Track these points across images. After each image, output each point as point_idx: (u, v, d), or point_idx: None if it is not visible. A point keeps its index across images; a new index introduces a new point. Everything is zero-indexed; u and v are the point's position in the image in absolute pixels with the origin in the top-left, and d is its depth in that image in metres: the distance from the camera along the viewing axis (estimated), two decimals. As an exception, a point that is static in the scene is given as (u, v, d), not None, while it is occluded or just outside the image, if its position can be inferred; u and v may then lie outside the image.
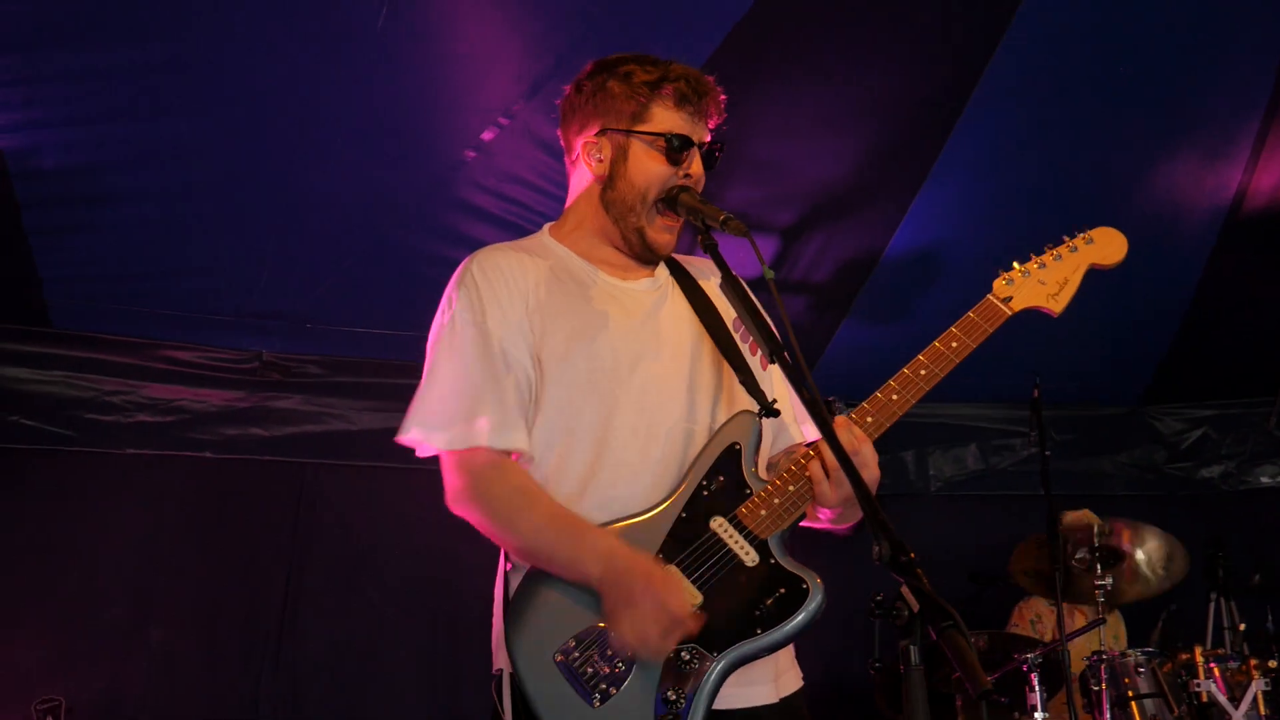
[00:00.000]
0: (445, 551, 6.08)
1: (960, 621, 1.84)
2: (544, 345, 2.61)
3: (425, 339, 6.11)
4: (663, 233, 2.75)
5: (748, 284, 2.57)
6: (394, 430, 5.87)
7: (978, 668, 1.80)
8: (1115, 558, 5.36)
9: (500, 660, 2.51)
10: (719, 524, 2.49)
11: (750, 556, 2.46)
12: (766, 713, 2.54)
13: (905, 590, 1.93)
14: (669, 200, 2.70)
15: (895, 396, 2.54)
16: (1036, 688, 4.93)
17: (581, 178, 2.82)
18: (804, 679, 2.69)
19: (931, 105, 5.97)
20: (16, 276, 5.29)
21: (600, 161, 2.75)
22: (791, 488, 2.50)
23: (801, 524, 2.64)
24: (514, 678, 2.41)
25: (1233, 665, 5.12)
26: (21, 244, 5.13)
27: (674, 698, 2.33)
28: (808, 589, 2.42)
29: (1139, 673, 5.08)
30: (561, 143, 2.88)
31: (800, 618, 2.40)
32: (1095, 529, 5.36)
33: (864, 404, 2.56)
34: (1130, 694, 5.04)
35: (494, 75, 5.25)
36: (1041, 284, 2.72)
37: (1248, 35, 5.73)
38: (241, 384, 5.81)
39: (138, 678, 5.40)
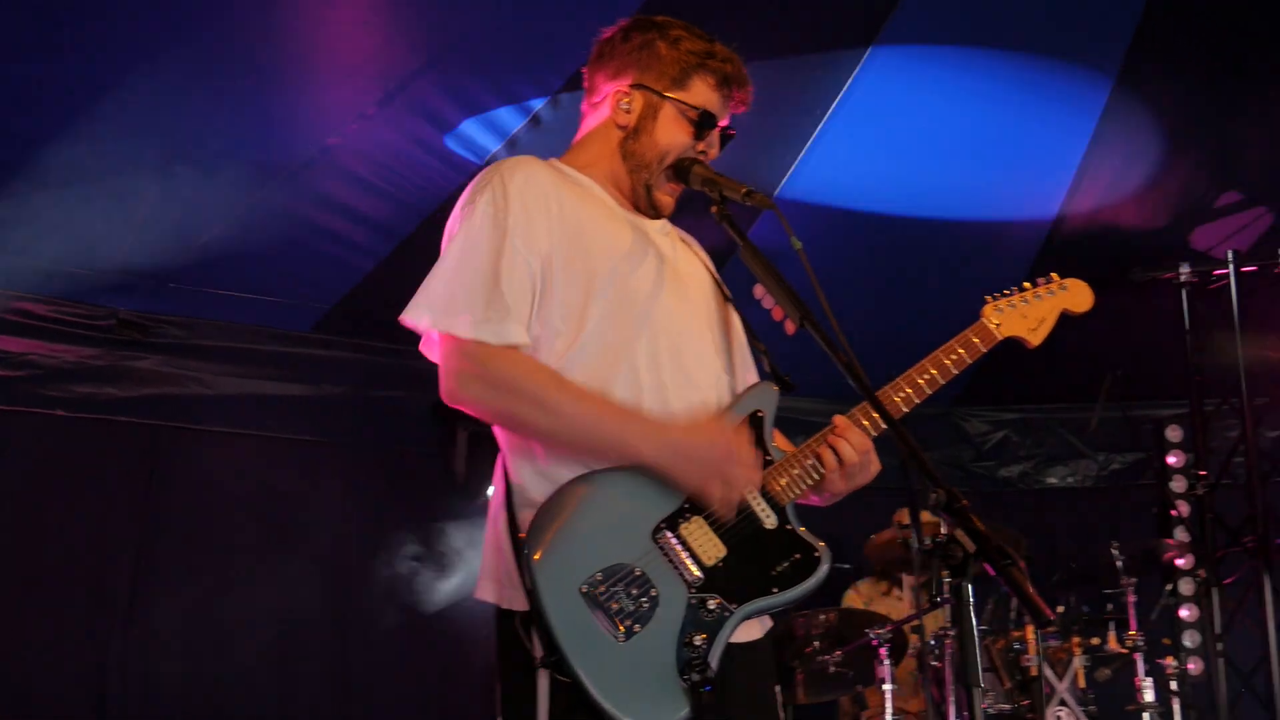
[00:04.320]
0: (299, 520, 6.04)
1: (1019, 560, 2.04)
2: (565, 259, 2.62)
3: (296, 305, 6.04)
4: (667, 195, 2.84)
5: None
6: (254, 396, 5.89)
7: (1039, 601, 1.99)
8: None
9: (511, 599, 2.50)
10: None
11: (770, 520, 2.58)
12: (751, 648, 2.66)
13: (960, 533, 2.12)
14: (679, 171, 2.80)
15: (900, 397, 2.76)
16: (885, 661, 5.25)
17: (600, 120, 2.87)
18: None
19: (795, 110, 6.28)
20: None
21: (628, 113, 2.80)
22: (809, 460, 2.64)
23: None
24: (532, 607, 2.38)
25: (1055, 643, 5.58)
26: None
27: (699, 643, 2.43)
28: (818, 556, 2.58)
29: (974, 649, 5.46)
30: (585, 82, 2.92)
31: (811, 582, 2.56)
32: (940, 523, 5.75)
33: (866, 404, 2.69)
34: (966, 668, 5.41)
35: (389, 46, 5.25)
36: (1024, 317, 2.96)
37: (1083, 70, 6.25)
38: (97, 341, 5.60)
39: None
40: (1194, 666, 6.52)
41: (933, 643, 5.34)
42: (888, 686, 5.27)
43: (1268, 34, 5.99)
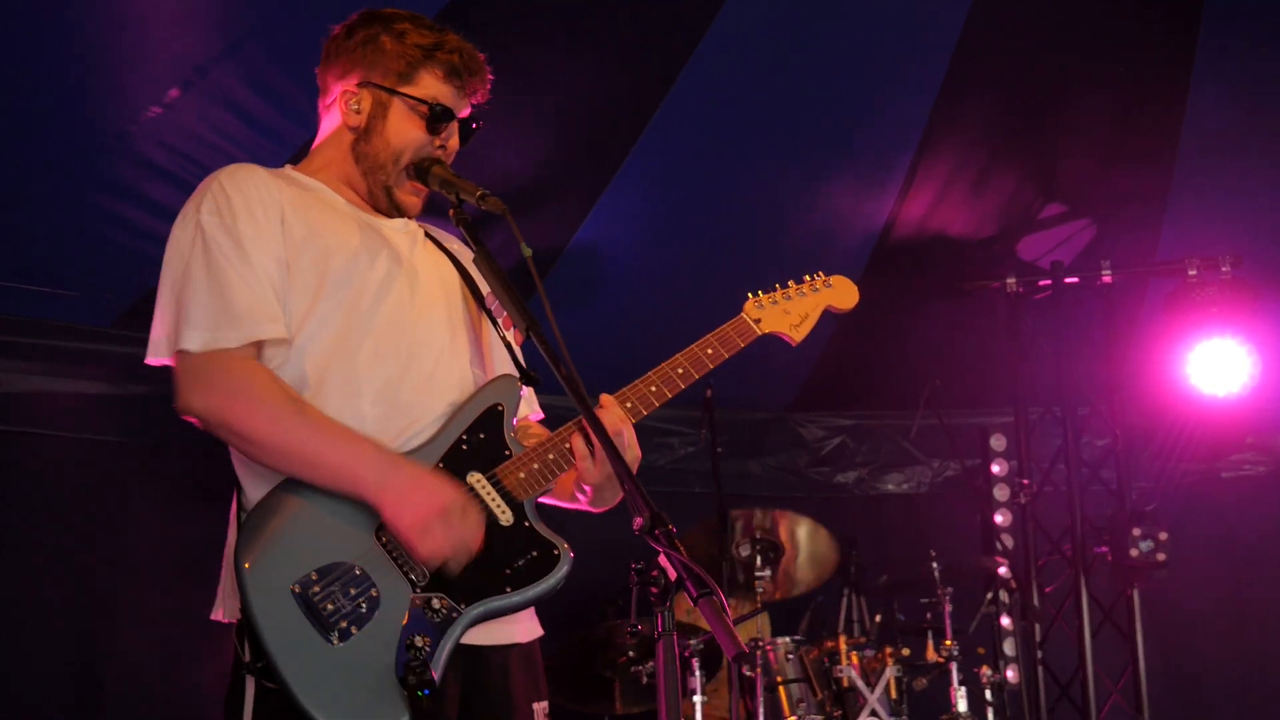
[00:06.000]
0: (102, 526, 5.77)
1: (718, 589, 1.95)
2: (294, 263, 2.52)
3: (89, 300, 5.75)
4: (410, 195, 2.74)
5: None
6: (50, 394, 5.58)
7: (734, 632, 1.91)
8: (776, 553, 5.70)
9: (234, 610, 2.38)
10: (476, 479, 2.50)
11: (506, 516, 2.48)
12: (506, 652, 2.57)
13: (663, 559, 2.02)
14: (419, 171, 2.69)
15: (654, 389, 2.67)
16: (697, 672, 5.17)
17: (333, 123, 2.75)
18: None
19: (622, 110, 6.18)
20: None
21: (357, 113, 2.69)
22: (551, 455, 2.55)
23: (561, 505, 2.72)
24: (242, 610, 2.29)
25: (869, 653, 5.57)
26: None
27: (420, 644, 2.32)
28: (558, 555, 2.49)
29: (788, 659, 5.43)
30: (318, 82, 2.80)
31: (549, 582, 2.48)
32: (755, 521, 5.69)
33: (625, 390, 2.66)
34: (779, 679, 5.38)
35: (187, 30, 5.02)
36: (786, 314, 2.93)
37: (908, 79, 6.26)
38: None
39: None
40: (1012, 675, 6.58)
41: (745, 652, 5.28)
42: (698, 697, 5.19)
43: (1086, 48, 6.06)
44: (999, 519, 6.89)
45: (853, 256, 7.01)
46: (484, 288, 2.81)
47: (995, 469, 7.02)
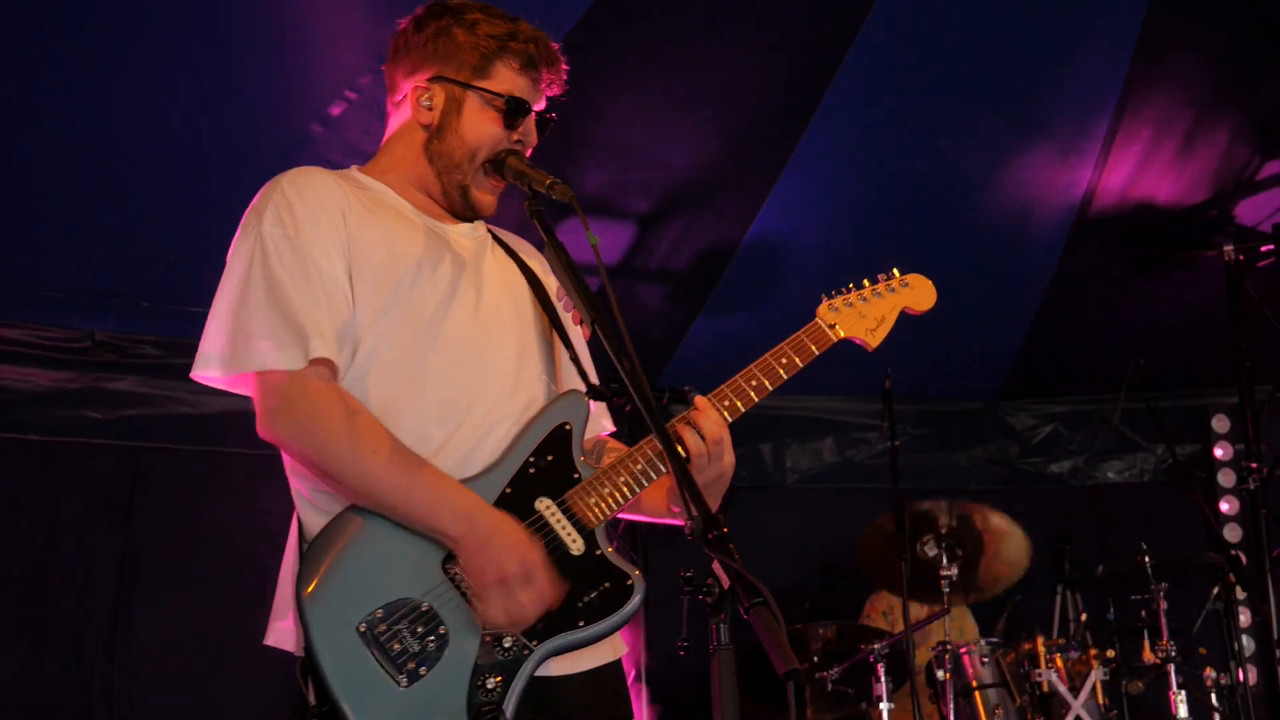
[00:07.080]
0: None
1: (770, 598, 1.77)
2: (357, 270, 2.42)
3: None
4: (487, 193, 2.62)
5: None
6: (238, 414, 5.71)
7: (786, 646, 1.71)
8: (964, 550, 5.39)
9: (296, 639, 2.31)
10: (546, 506, 2.37)
11: (577, 545, 2.35)
12: (581, 679, 2.43)
13: (716, 566, 1.85)
14: (495, 163, 2.57)
15: (727, 403, 2.52)
16: (882, 678, 4.93)
17: (402, 121, 2.64)
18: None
19: (790, 95, 5.97)
20: None
21: (429, 110, 2.57)
22: (622, 478, 2.41)
23: (658, 522, 2.60)
24: (305, 649, 2.20)
25: (1073, 655, 5.20)
26: None
27: (492, 686, 2.21)
28: (632, 585, 2.34)
29: (983, 663, 5.11)
30: (385, 80, 2.69)
31: (623, 613, 2.34)
32: (943, 518, 5.39)
33: (721, 388, 2.55)
34: (974, 684, 5.08)
35: (341, 47, 5.09)
36: (862, 317, 2.78)
37: (1099, 37, 5.83)
38: (71, 364, 5.46)
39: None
40: (1243, 677, 6.04)
41: (933, 655, 5.03)
42: (885, 705, 4.94)
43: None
44: (1225, 507, 6.34)
45: (1051, 232, 6.62)
46: (552, 287, 2.68)
47: (1218, 453, 6.47)
